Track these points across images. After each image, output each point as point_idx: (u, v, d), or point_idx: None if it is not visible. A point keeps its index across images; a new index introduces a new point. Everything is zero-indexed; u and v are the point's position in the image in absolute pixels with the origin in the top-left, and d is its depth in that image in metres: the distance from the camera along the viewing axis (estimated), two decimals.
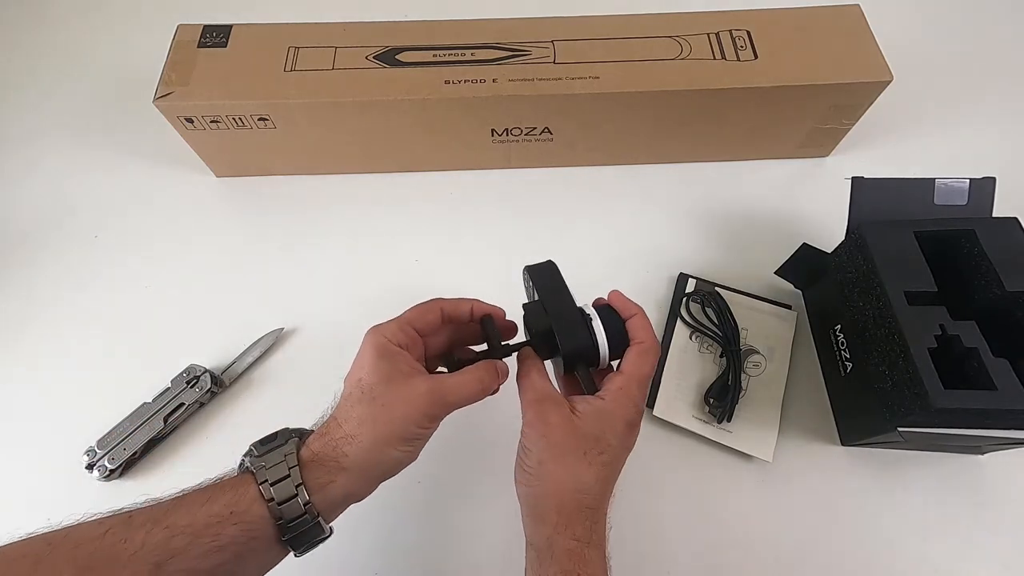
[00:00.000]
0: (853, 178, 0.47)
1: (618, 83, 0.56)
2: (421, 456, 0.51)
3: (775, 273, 0.56)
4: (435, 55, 0.58)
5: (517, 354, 0.38)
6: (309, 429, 0.36)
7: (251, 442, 0.34)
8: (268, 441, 0.34)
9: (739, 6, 0.60)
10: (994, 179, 0.45)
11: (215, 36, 0.59)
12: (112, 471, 0.48)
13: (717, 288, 0.56)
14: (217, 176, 0.66)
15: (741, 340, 0.53)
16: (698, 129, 0.61)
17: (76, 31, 0.79)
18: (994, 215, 0.45)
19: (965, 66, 0.72)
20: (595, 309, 0.38)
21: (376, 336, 0.34)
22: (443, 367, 0.40)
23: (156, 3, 0.79)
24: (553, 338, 0.36)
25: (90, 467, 0.48)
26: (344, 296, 0.58)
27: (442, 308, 0.37)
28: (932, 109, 0.69)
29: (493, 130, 0.60)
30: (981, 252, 0.43)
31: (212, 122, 0.57)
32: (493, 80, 0.56)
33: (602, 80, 0.56)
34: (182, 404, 0.50)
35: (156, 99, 0.55)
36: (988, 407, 0.37)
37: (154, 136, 0.64)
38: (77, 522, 0.29)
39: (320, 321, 0.57)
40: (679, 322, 0.55)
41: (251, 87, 0.56)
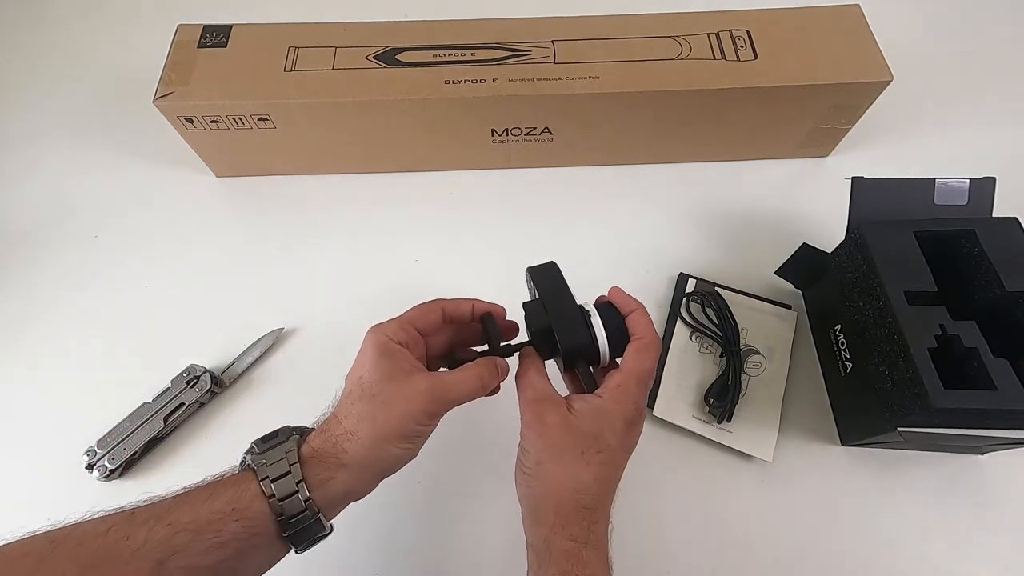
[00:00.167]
0: (853, 178, 0.47)
1: (618, 83, 0.56)
2: (421, 456, 0.51)
3: (775, 273, 0.56)
4: (435, 55, 0.58)
5: (519, 354, 0.38)
6: (310, 427, 0.36)
7: (252, 440, 0.34)
8: (269, 439, 0.34)
9: (739, 6, 0.60)
10: (994, 179, 0.45)
11: (215, 36, 0.59)
12: (112, 471, 0.48)
13: (717, 288, 0.56)
14: (217, 176, 0.66)
15: (741, 340, 0.53)
16: (698, 129, 0.61)
17: (76, 31, 0.79)
18: (994, 215, 0.45)
19: (965, 66, 0.72)
20: (595, 307, 0.38)
21: (377, 335, 0.35)
22: (444, 367, 0.40)
23: (156, 3, 0.79)
24: (552, 336, 0.36)
25: (90, 467, 0.48)
26: (344, 296, 0.58)
27: (443, 308, 0.37)
28: (932, 109, 0.69)
29: (493, 130, 0.60)
30: (981, 252, 0.43)
31: (212, 122, 0.57)
32: (493, 80, 0.56)
33: (602, 80, 0.56)
34: (182, 404, 0.50)
35: (156, 99, 0.55)
36: (988, 407, 0.37)
37: (154, 136, 0.64)
38: (80, 520, 0.29)
39: (320, 321, 0.57)
40: (679, 322, 0.55)
41: (251, 87, 0.56)
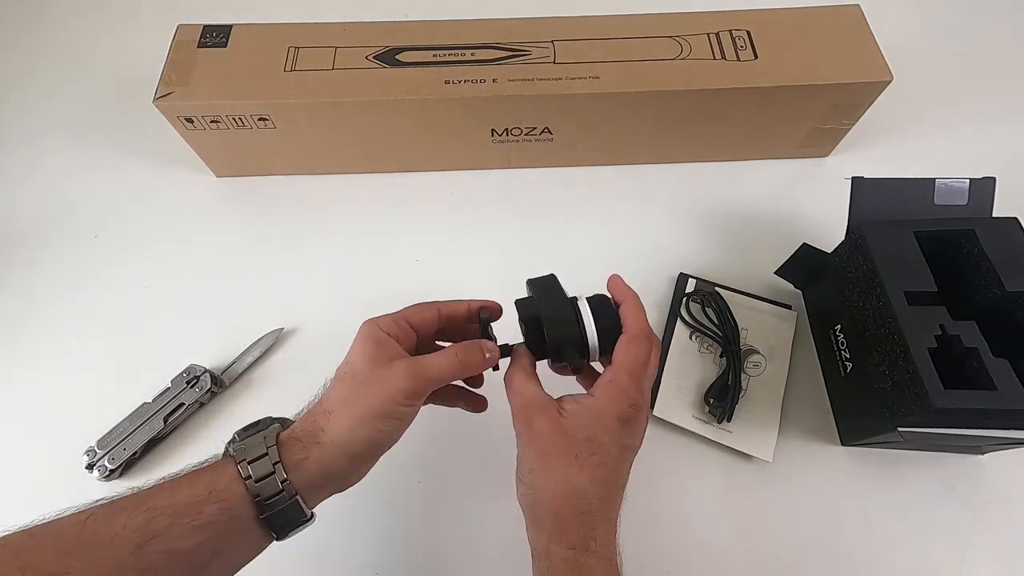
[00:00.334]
0: (853, 178, 0.47)
1: (618, 83, 0.56)
2: (421, 456, 0.51)
3: (775, 273, 0.55)
4: (435, 55, 0.58)
5: (512, 358, 0.38)
6: (292, 419, 0.36)
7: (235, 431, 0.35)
8: (250, 428, 0.34)
9: (739, 6, 0.60)
10: (994, 179, 0.45)
11: (215, 36, 0.59)
12: (112, 471, 0.48)
13: (717, 288, 0.56)
14: (217, 176, 0.66)
15: (741, 340, 0.53)
16: (698, 129, 0.61)
17: (76, 31, 0.79)
18: (994, 215, 0.45)
19: (965, 66, 0.72)
20: (587, 299, 0.37)
21: (369, 326, 0.35)
22: None
23: (156, 3, 0.79)
24: (541, 326, 0.36)
25: (90, 467, 0.48)
26: (344, 296, 0.58)
27: (439, 308, 0.38)
28: (932, 109, 0.69)
29: (493, 130, 0.60)
30: (981, 252, 0.43)
31: (212, 122, 0.57)
32: (493, 80, 0.56)
33: (602, 80, 0.56)
34: (182, 404, 0.50)
35: (156, 99, 0.55)
36: (988, 407, 0.37)
37: (154, 136, 0.64)
38: (59, 514, 0.29)
39: (320, 321, 0.57)
40: (679, 322, 0.55)
41: (251, 87, 0.56)
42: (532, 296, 0.38)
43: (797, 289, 0.57)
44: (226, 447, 0.34)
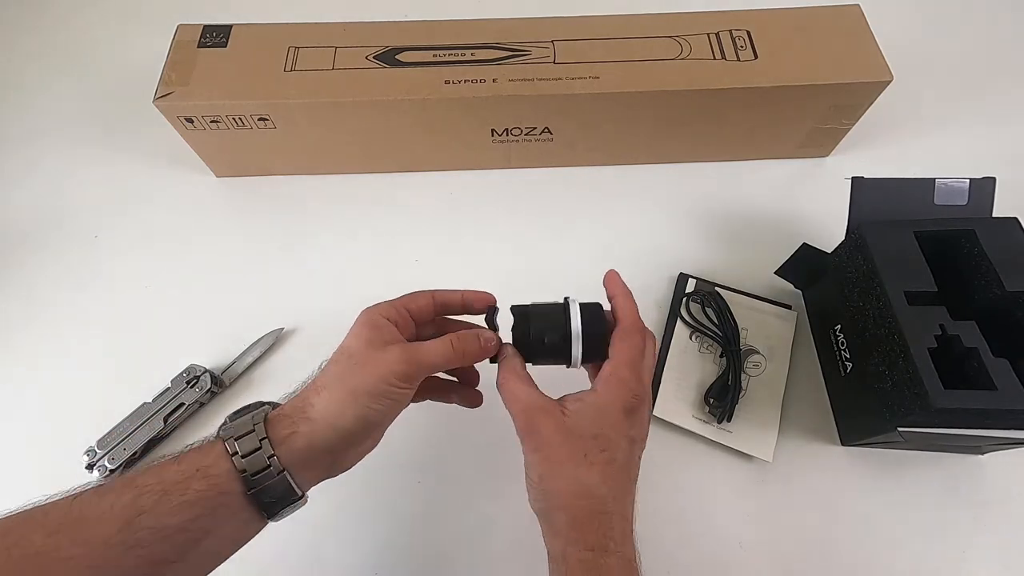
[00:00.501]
0: (853, 178, 0.47)
1: (618, 83, 0.56)
2: (421, 456, 0.51)
3: (775, 273, 0.55)
4: (435, 55, 0.58)
5: (500, 361, 0.37)
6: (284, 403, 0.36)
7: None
8: (241, 410, 0.34)
9: (739, 6, 0.60)
10: (994, 179, 0.45)
11: (215, 36, 0.59)
12: (112, 471, 0.48)
13: (717, 288, 0.56)
14: (217, 176, 0.66)
15: (741, 340, 0.53)
16: (698, 129, 0.61)
17: (76, 31, 0.79)
18: (994, 215, 0.45)
19: (965, 66, 0.72)
20: (580, 304, 0.37)
21: (368, 311, 0.36)
22: None
23: (156, 3, 0.79)
24: (528, 323, 0.36)
25: (90, 467, 0.48)
26: (344, 296, 0.57)
27: (434, 295, 0.38)
28: (932, 109, 0.69)
29: (493, 130, 0.60)
30: (981, 252, 0.43)
31: (212, 122, 0.57)
32: (493, 80, 0.56)
33: (602, 80, 0.56)
34: (182, 404, 0.50)
35: (156, 99, 0.55)
36: (988, 407, 0.37)
37: (154, 136, 0.64)
38: (49, 498, 0.30)
39: (320, 321, 0.57)
40: (679, 322, 0.55)
41: (251, 87, 0.56)
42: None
43: (797, 289, 0.57)
44: (217, 430, 0.34)
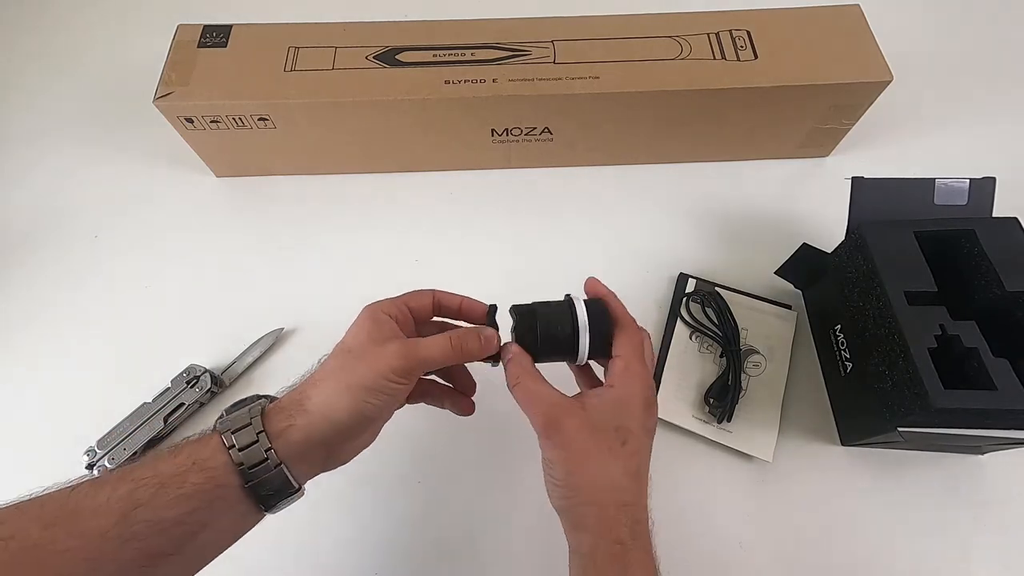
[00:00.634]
0: (853, 178, 0.47)
1: (618, 83, 0.56)
2: (421, 456, 0.51)
3: (775, 273, 0.55)
4: (435, 55, 0.58)
5: (506, 363, 0.37)
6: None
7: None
8: (238, 403, 0.34)
9: (739, 6, 0.60)
10: (994, 179, 0.45)
11: (215, 36, 0.59)
12: (112, 471, 0.48)
13: (717, 288, 0.56)
14: (217, 176, 0.66)
15: (741, 340, 0.53)
16: (698, 129, 0.61)
17: (76, 31, 0.79)
18: (994, 215, 0.45)
19: (965, 66, 0.72)
20: (584, 300, 0.37)
21: (370, 307, 0.36)
22: None
23: (156, 3, 0.79)
24: (534, 321, 0.36)
25: (90, 467, 0.48)
26: (344, 296, 0.57)
27: (435, 295, 0.39)
28: (932, 109, 0.69)
29: (493, 130, 0.60)
30: (981, 252, 0.43)
31: (212, 122, 0.57)
32: (493, 80, 0.56)
33: (602, 80, 0.56)
34: (182, 404, 0.50)
35: (156, 99, 0.55)
36: (988, 407, 0.37)
37: (154, 136, 0.64)
38: (45, 490, 0.29)
39: (320, 321, 0.57)
40: (679, 322, 0.55)
41: (251, 87, 0.56)
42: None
43: (797, 289, 0.57)
44: (214, 424, 0.34)
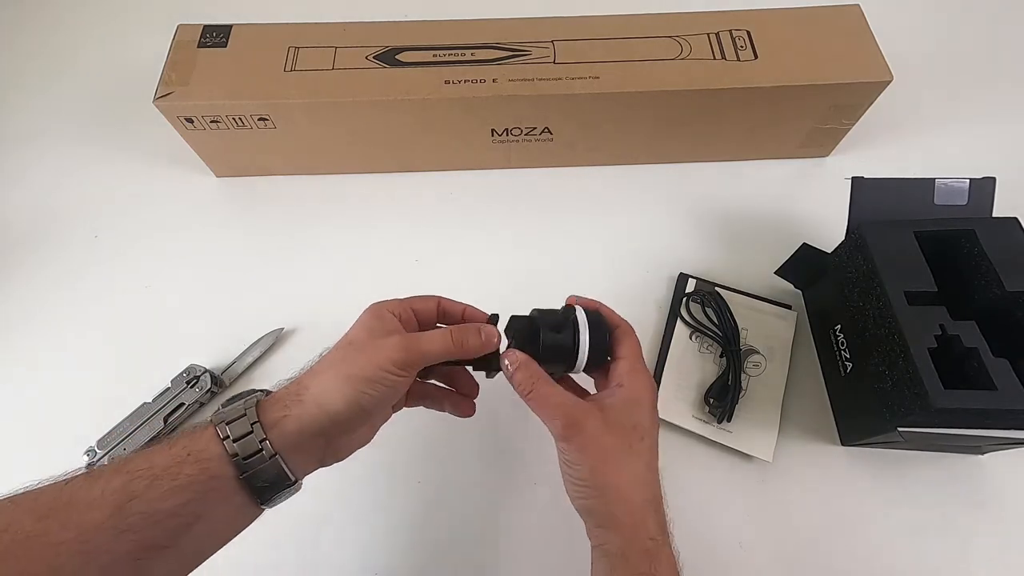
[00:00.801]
0: (853, 178, 0.47)
1: (618, 83, 0.56)
2: (421, 456, 0.51)
3: (775, 273, 0.55)
4: (435, 55, 0.58)
5: (515, 370, 0.37)
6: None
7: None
8: (234, 398, 0.34)
9: (739, 6, 0.60)
10: (994, 179, 0.45)
11: (215, 36, 0.59)
12: (107, 464, 0.48)
13: (717, 288, 0.56)
14: (217, 176, 0.66)
15: (741, 340, 0.53)
16: (698, 129, 0.61)
17: (76, 31, 0.79)
18: (994, 215, 0.45)
19: (965, 66, 0.72)
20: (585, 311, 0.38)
21: (376, 304, 0.37)
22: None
23: (156, 3, 0.79)
24: (536, 329, 0.36)
25: (90, 467, 0.48)
26: (344, 296, 0.57)
27: (439, 301, 0.39)
28: (932, 109, 0.69)
29: (493, 130, 0.60)
30: (981, 252, 0.43)
31: (212, 122, 0.57)
32: (493, 80, 0.56)
33: (602, 80, 0.56)
34: (182, 404, 0.50)
35: (156, 99, 0.55)
36: (988, 407, 0.37)
37: (154, 136, 0.64)
38: (40, 483, 0.29)
39: (320, 321, 0.56)
40: (679, 322, 0.55)
41: (251, 87, 0.56)
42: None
43: (797, 289, 0.57)
44: (209, 417, 0.34)
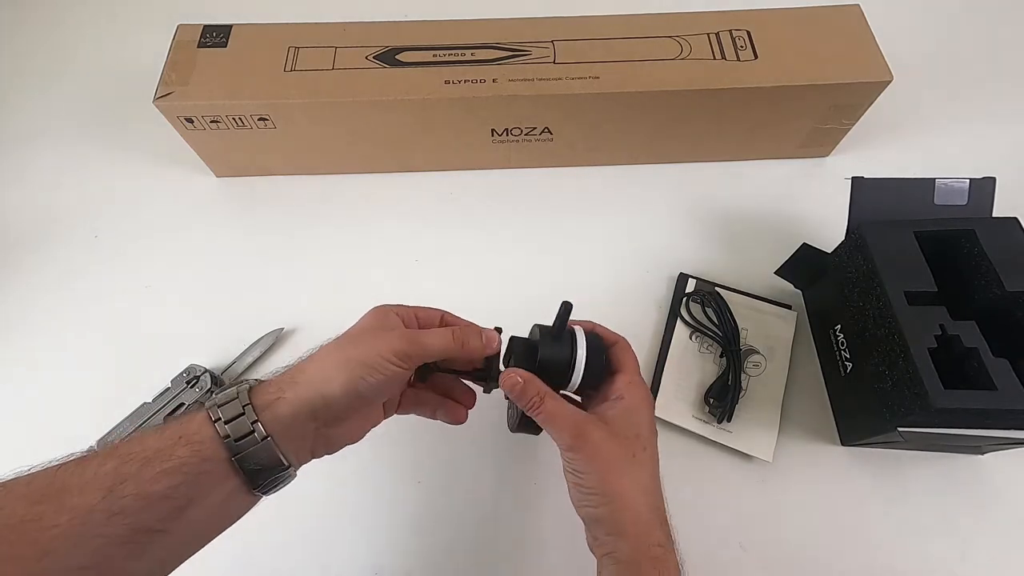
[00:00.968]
0: (853, 178, 0.47)
1: (618, 83, 0.56)
2: (421, 456, 0.51)
3: (775, 273, 0.55)
4: (435, 55, 0.58)
5: (520, 386, 0.37)
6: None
7: None
8: (228, 386, 0.34)
9: (739, 6, 0.60)
10: (994, 179, 0.45)
11: (215, 36, 0.59)
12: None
13: (717, 288, 0.56)
14: (217, 176, 0.66)
15: (741, 340, 0.53)
16: (698, 129, 0.61)
17: (75, 31, 0.79)
18: (994, 215, 0.45)
19: (965, 66, 0.72)
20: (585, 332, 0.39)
21: (380, 306, 0.37)
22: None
23: (156, 3, 0.79)
24: (534, 345, 0.37)
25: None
26: (344, 296, 0.57)
27: (444, 315, 0.39)
28: (932, 109, 0.69)
29: (493, 130, 0.60)
30: (981, 252, 0.43)
31: (212, 122, 0.57)
32: (493, 80, 0.56)
33: (602, 80, 0.56)
34: (182, 404, 0.50)
35: (156, 99, 0.55)
36: (988, 407, 0.37)
37: (154, 136, 0.64)
38: (31, 468, 0.30)
39: (320, 321, 0.56)
40: (679, 322, 0.55)
41: (251, 87, 0.56)
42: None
43: (797, 289, 0.57)
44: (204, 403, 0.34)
